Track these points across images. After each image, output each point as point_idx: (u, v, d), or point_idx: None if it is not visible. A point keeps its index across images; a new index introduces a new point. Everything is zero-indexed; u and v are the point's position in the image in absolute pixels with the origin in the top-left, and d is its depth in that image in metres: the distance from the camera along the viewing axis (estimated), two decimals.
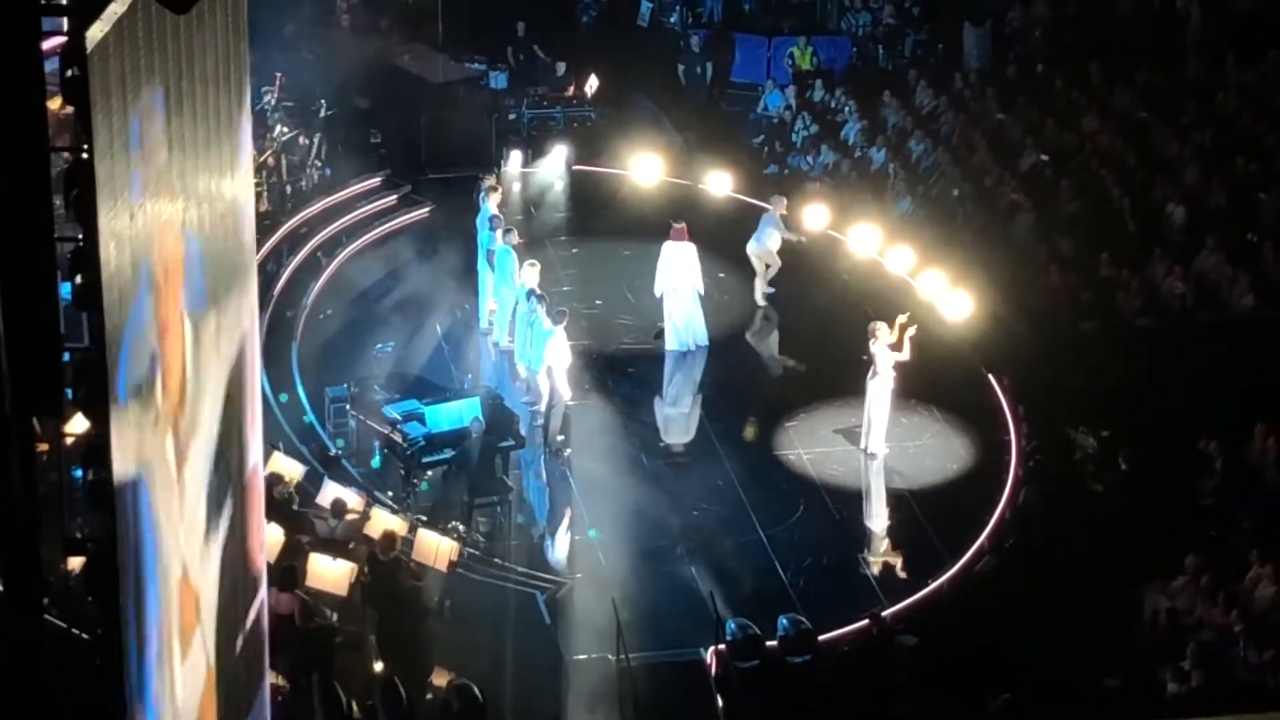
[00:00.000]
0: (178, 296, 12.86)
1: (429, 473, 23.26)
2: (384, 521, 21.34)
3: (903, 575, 22.53)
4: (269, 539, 18.70)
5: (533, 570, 22.21)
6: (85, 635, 11.72)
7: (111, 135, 10.89)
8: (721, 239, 29.29)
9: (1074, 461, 23.95)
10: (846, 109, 33.63)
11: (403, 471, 23.24)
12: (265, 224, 27.16)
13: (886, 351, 24.07)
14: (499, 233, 26.85)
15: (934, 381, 25.23)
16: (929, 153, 31.49)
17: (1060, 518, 22.86)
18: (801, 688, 20.17)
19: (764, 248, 27.95)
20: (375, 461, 23.94)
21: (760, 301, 28.04)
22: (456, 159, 31.05)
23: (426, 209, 30.59)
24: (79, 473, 11.35)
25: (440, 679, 19.88)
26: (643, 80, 35.65)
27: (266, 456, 20.47)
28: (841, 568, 22.63)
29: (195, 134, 13.22)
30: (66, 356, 10.90)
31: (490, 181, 28.41)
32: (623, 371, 26.46)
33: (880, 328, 24.22)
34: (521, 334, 25.14)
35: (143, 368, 11.79)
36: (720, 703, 19.84)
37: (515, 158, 31.92)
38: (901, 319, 24.13)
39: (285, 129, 30.59)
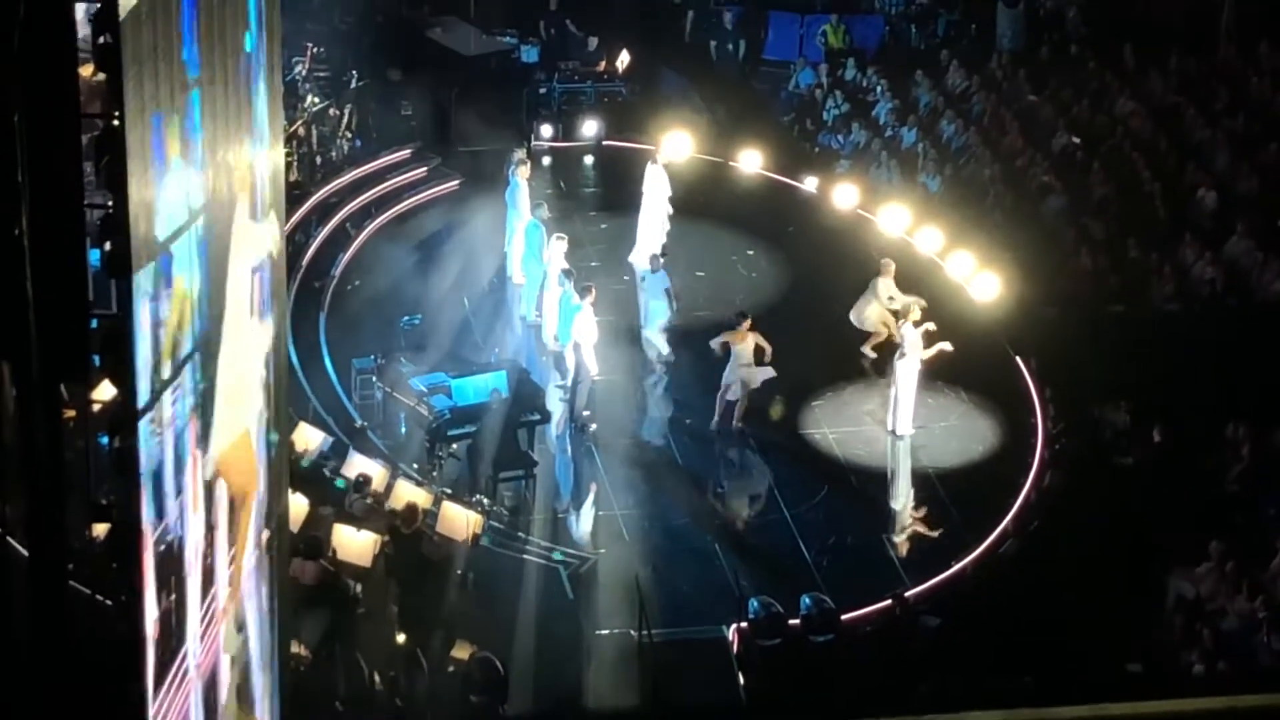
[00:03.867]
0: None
1: (454, 446, 23.26)
2: (408, 494, 21.36)
3: (927, 556, 22.47)
4: (293, 509, 18.75)
5: (556, 544, 22.23)
6: (109, 601, 11.76)
7: (143, 102, 10.90)
8: (751, 216, 29.36)
9: (1101, 443, 23.92)
10: (878, 88, 33.58)
11: (428, 444, 23.25)
12: (295, 194, 27.17)
13: (915, 333, 24.02)
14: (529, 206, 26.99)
15: (961, 363, 25.14)
16: (960, 133, 31.44)
17: (1085, 501, 22.84)
18: (823, 667, 20.19)
19: (874, 313, 26.26)
20: (400, 433, 23.94)
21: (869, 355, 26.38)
22: (487, 132, 31.01)
23: (456, 182, 30.57)
24: (105, 440, 11.39)
25: (462, 651, 19.84)
26: (674, 56, 35.62)
27: (291, 428, 20.54)
28: (865, 548, 22.60)
29: (227, 103, 13.24)
30: (94, 324, 10.93)
31: (520, 155, 28.38)
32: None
33: (912, 309, 24.19)
34: (565, 314, 24.99)
35: None
36: (742, 680, 19.90)
37: (545, 132, 31.91)
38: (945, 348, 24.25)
39: (316, 100, 30.62)
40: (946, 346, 24.22)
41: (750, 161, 30.61)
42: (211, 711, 13.48)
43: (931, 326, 24.20)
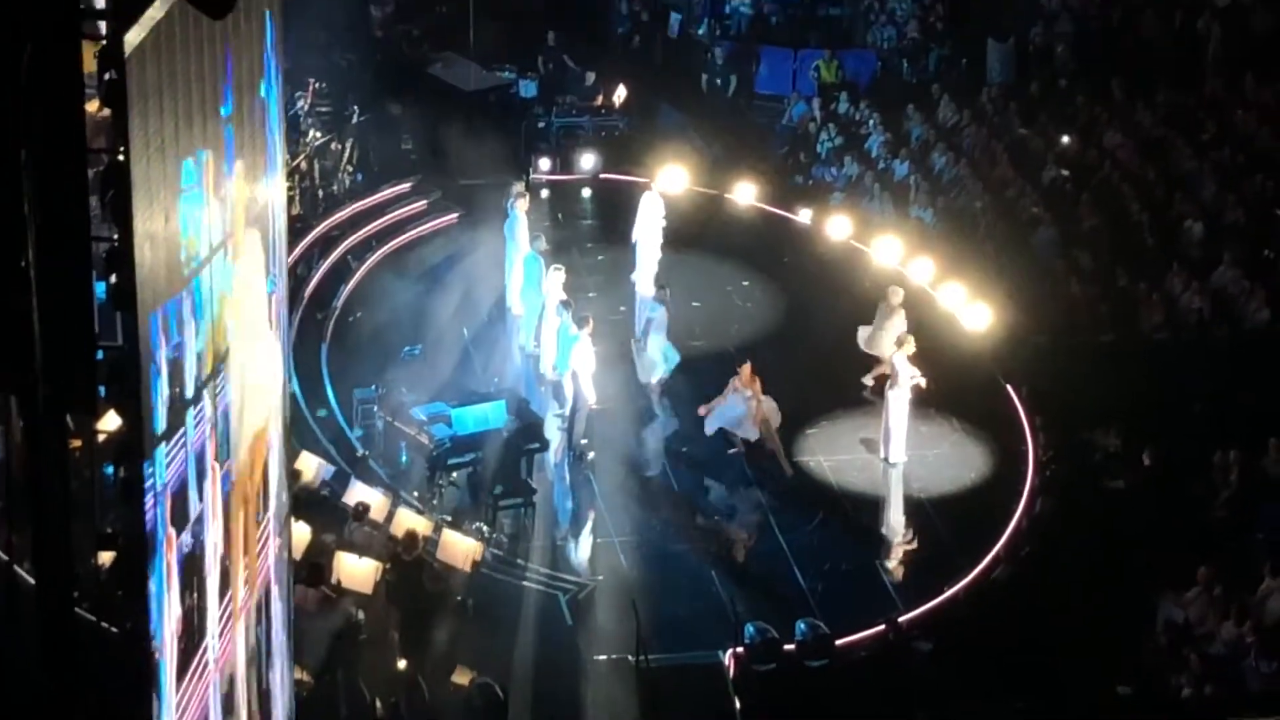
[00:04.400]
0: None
1: (454, 474, 23.48)
2: (409, 521, 21.58)
3: (920, 581, 22.62)
4: (296, 536, 18.94)
5: (555, 571, 22.44)
6: (114, 629, 11.94)
7: (148, 138, 11.13)
8: (746, 248, 29.61)
9: (1091, 468, 24.08)
10: (870, 122, 33.82)
11: (428, 473, 23.47)
12: (297, 228, 27.33)
13: (908, 363, 24.25)
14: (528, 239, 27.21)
15: (953, 391, 25.37)
16: (951, 165, 31.68)
17: (1075, 527, 23.00)
18: (818, 692, 20.36)
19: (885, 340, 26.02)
20: (401, 461, 24.14)
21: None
22: (486, 166, 31.23)
23: (455, 214, 30.80)
24: (110, 469, 11.58)
25: (462, 677, 20.02)
26: (671, 91, 35.89)
27: (294, 458, 20.73)
28: (859, 573, 22.77)
29: (253, 141, 13.57)
30: (100, 355, 11.12)
31: (519, 188, 28.58)
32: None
33: (908, 339, 24.42)
34: (562, 344, 25.18)
35: None
36: (738, 705, 20.01)
37: (544, 165, 32.13)
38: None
39: (318, 134, 30.84)
40: (921, 382, 24.41)
41: (745, 194, 30.86)
42: (229, 702, 13.78)
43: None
